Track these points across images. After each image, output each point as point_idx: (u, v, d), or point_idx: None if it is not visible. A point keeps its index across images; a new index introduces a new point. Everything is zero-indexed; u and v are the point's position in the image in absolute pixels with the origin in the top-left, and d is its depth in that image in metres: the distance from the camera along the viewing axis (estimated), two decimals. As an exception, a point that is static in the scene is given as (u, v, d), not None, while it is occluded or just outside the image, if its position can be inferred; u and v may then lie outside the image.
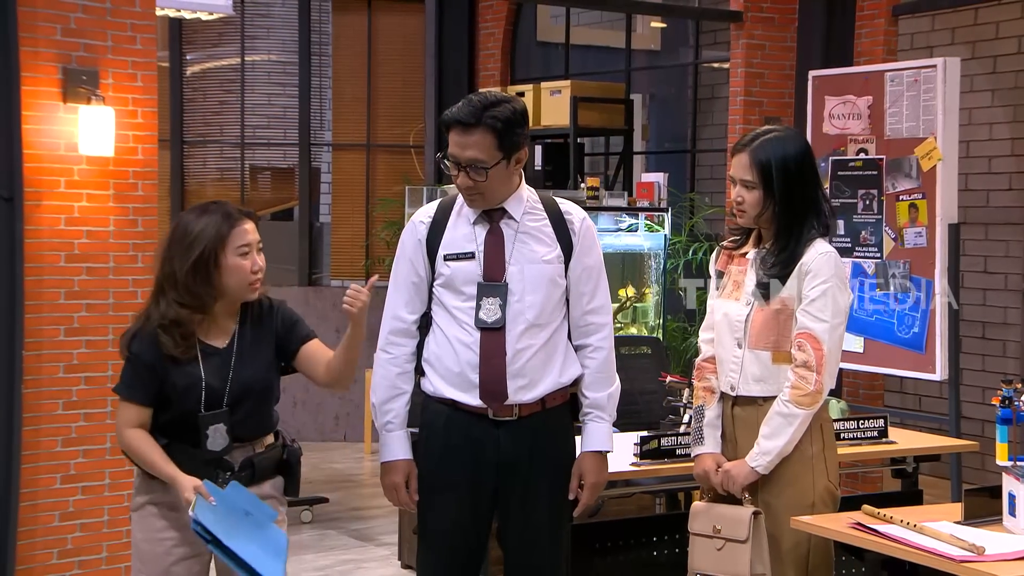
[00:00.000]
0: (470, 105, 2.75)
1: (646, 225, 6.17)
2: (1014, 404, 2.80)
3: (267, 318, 2.77)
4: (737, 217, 2.88)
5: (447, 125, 2.77)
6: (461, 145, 2.74)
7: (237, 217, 2.70)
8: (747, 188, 2.83)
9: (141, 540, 2.73)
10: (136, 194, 4.22)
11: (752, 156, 2.83)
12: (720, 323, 2.91)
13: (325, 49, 8.46)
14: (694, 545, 2.90)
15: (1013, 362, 6.16)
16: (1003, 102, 6.57)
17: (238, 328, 2.73)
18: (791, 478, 2.83)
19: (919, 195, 5.14)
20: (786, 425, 2.78)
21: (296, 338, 2.79)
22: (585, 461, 2.88)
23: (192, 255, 2.64)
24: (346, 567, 5.12)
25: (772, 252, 2.84)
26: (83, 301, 4.09)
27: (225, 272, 2.66)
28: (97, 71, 4.07)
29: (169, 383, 2.66)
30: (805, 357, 2.77)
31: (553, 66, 8.35)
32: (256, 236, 2.72)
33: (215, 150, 8.42)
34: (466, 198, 2.82)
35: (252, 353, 2.73)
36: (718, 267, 2.97)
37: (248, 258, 2.68)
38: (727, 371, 2.88)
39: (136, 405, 2.67)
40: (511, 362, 2.76)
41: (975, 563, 2.48)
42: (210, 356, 2.68)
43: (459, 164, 2.75)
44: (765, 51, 6.45)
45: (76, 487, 4.06)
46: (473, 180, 2.75)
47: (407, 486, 2.84)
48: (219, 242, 2.65)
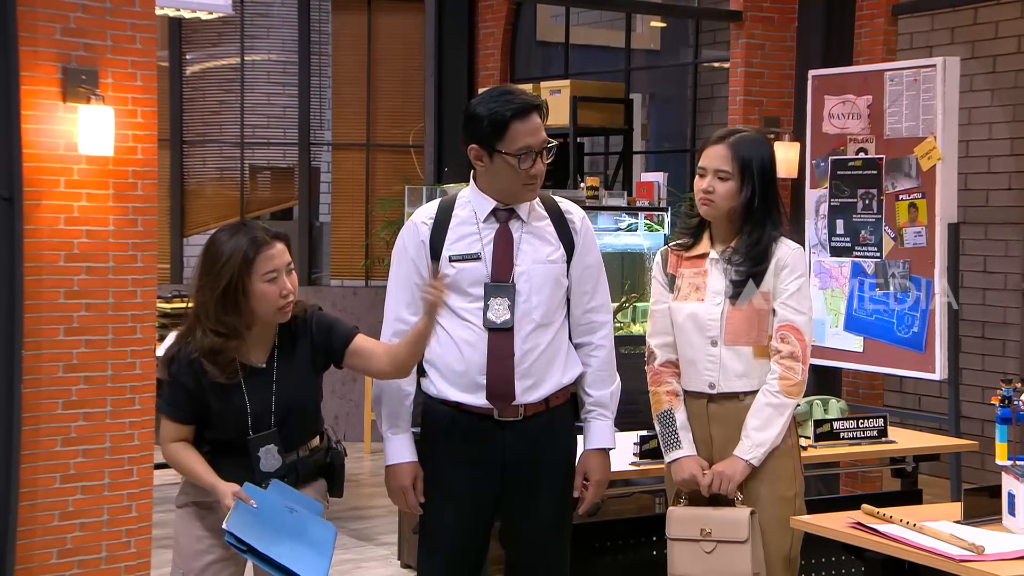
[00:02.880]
0: (520, 92, 2.75)
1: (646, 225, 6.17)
2: (1013, 404, 2.80)
3: (303, 331, 2.73)
4: (701, 206, 2.88)
5: (512, 117, 2.69)
6: (536, 128, 2.73)
7: (263, 241, 2.64)
8: (721, 179, 2.85)
9: (181, 536, 2.76)
10: (136, 194, 4.21)
11: (732, 149, 2.85)
12: (684, 324, 2.90)
13: (325, 48, 8.46)
14: (676, 550, 2.89)
15: (1013, 361, 6.16)
16: (1002, 102, 6.57)
17: (278, 344, 2.71)
18: (779, 470, 2.86)
19: (919, 195, 5.14)
20: (777, 415, 2.81)
21: (339, 341, 2.75)
22: (589, 459, 2.88)
23: (220, 285, 2.61)
24: (345, 567, 5.12)
25: (743, 247, 2.86)
26: (83, 301, 4.08)
27: (254, 299, 2.63)
28: (97, 71, 4.06)
29: (213, 410, 2.66)
30: (791, 348, 2.82)
31: (553, 66, 8.35)
32: (285, 259, 2.67)
33: (215, 149, 8.42)
34: (534, 189, 2.79)
35: (293, 369, 2.71)
36: (669, 271, 2.96)
37: (276, 283, 2.64)
38: (702, 370, 2.88)
39: (176, 423, 2.70)
40: (519, 362, 2.76)
41: (975, 562, 2.48)
42: (251, 377, 2.67)
43: (533, 151, 2.73)
44: (765, 51, 6.45)
45: (76, 487, 4.05)
46: (544, 165, 2.76)
47: (414, 488, 2.84)
48: (246, 269, 2.61)
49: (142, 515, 4.21)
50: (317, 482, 2.80)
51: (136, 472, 4.18)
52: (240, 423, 2.66)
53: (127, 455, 4.16)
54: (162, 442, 2.72)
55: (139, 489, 4.20)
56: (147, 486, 4.24)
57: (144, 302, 4.22)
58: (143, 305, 4.22)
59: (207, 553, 2.72)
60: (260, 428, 2.66)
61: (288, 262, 2.68)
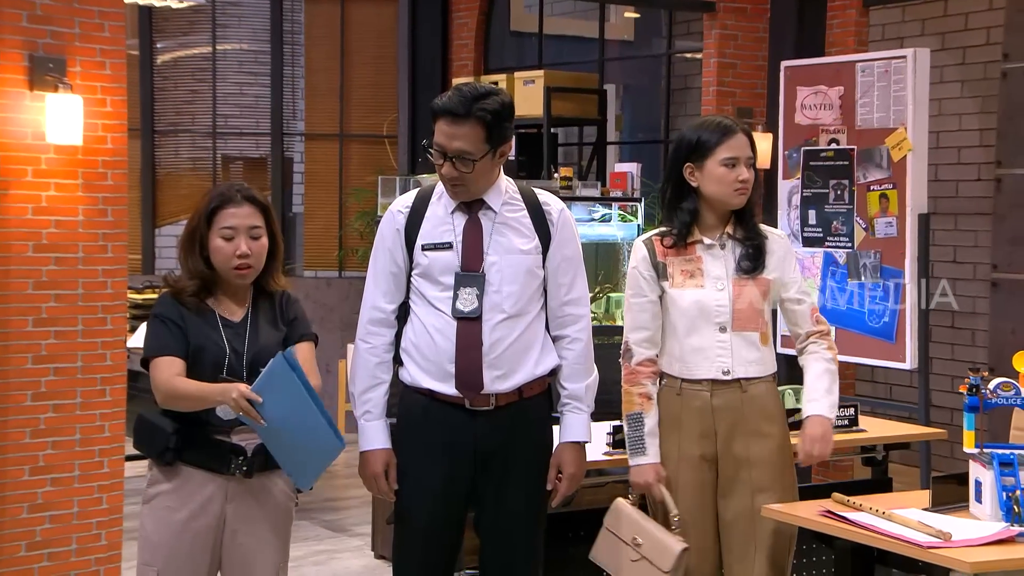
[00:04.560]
0: (460, 95, 2.72)
1: (619, 215, 6.18)
2: (981, 392, 2.82)
3: (278, 305, 2.79)
4: (739, 196, 2.89)
5: (436, 114, 2.75)
6: (450, 136, 2.72)
7: (231, 198, 2.71)
8: (748, 167, 2.89)
9: (153, 532, 2.70)
10: (106, 183, 4.17)
11: (748, 136, 2.92)
12: (689, 311, 2.89)
13: (297, 38, 8.40)
14: (604, 540, 2.92)
15: (982, 351, 6.22)
16: (972, 93, 6.63)
17: (251, 306, 2.76)
18: (786, 462, 2.89)
19: (889, 185, 5.18)
20: (834, 382, 2.92)
21: (293, 333, 2.78)
22: (563, 452, 2.88)
23: (188, 230, 2.73)
24: (319, 558, 5.11)
25: (745, 232, 2.91)
26: (52, 291, 4.05)
27: (211, 251, 2.70)
28: (64, 59, 4.02)
29: (192, 346, 2.67)
30: (825, 328, 2.96)
31: (527, 56, 8.33)
32: (250, 222, 2.70)
33: (187, 139, 8.36)
34: (449, 189, 2.81)
35: (266, 330, 2.75)
36: (659, 259, 2.93)
37: (233, 242, 2.68)
38: (713, 357, 2.87)
39: (168, 357, 2.66)
40: (487, 352, 2.76)
41: (941, 549, 2.50)
42: (227, 328, 2.72)
43: (445, 154, 2.74)
44: (738, 41, 6.46)
45: (45, 479, 4.02)
46: (459, 171, 2.74)
47: (386, 475, 2.84)
48: (207, 219, 2.70)
49: (113, 507, 4.19)
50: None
51: (107, 464, 4.16)
52: (218, 359, 2.67)
53: (97, 447, 4.13)
54: (158, 389, 2.65)
55: (110, 481, 4.17)
56: (118, 478, 4.21)
57: (115, 292, 4.19)
58: (114, 296, 4.19)
59: (183, 546, 2.69)
60: (232, 374, 2.67)
61: (252, 225, 2.70)
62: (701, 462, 2.89)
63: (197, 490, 2.69)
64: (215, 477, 2.69)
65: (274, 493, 2.76)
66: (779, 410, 2.94)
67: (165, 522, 2.69)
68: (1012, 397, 2.82)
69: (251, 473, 2.70)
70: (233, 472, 2.68)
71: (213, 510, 2.69)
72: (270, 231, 2.74)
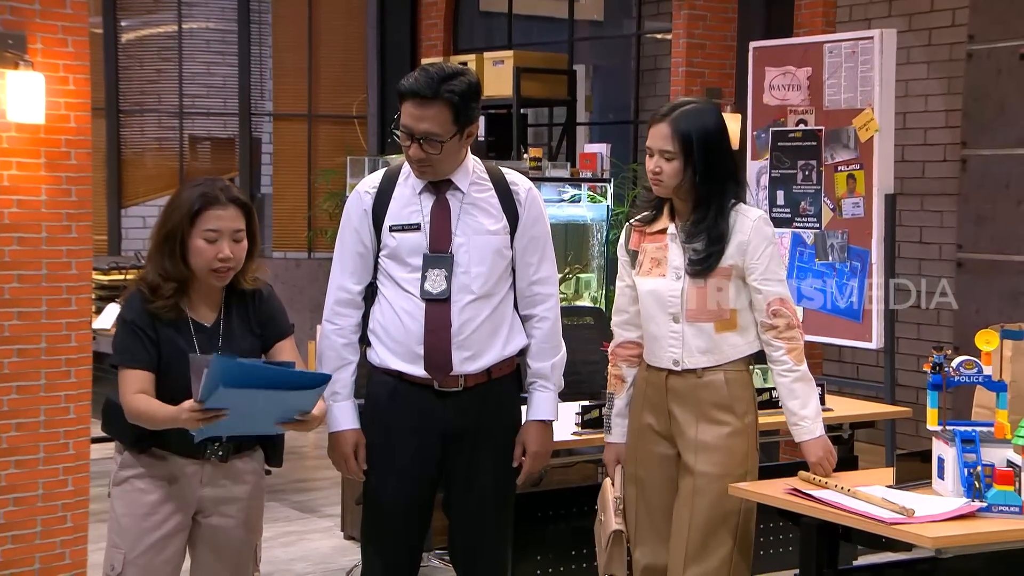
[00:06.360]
0: (427, 77, 2.70)
1: (589, 196, 6.18)
2: (944, 370, 2.85)
3: (251, 306, 2.71)
4: (654, 187, 2.89)
5: (403, 95, 2.73)
6: (417, 117, 2.71)
7: (215, 200, 2.61)
8: (666, 159, 2.84)
9: (123, 515, 2.67)
10: (69, 163, 4.12)
11: (673, 127, 2.84)
12: (646, 300, 2.91)
13: (265, 17, 8.32)
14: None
15: (947, 331, 6.28)
16: (938, 74, 6.67)
17: (223, 309, 2.69)
18: (732, 448, 2.86)
19: (856, 166, 5.21)
20: (805, 385, 2.85)
21: (272, 333, 2.74)
22: (529, 430, 2.89)
23: (165, 229, 2.62)
24: (289, 538, 5.10)
25: (692, 224, 2.86)
26: (14, 272, 4.00)
27: (190, 252, 2.61)
28: (24, 35, 3.96)
29: (163, 357, 2.61)
30: (785, 320, 2.85)
31: (496, 36, 8.30)
32: (234, 225, 2.62)
33: (153, 119, 8.27)
34: (416, 169, 2.79)
35: (239, 334, 2.69)
36: (631, 247, 2.96)
37: (215, 245, 2.60)
38: (666, 347, 2.88)
39: (134, 370, 2.59)
40: (456, 333, 2.76)
41: (905, 524, 2.53)
42: (199, 333, 2.64)
43: (412, 135, 2.72)
44: (707, 22, 6.46)
45: (9, 460, 3.98)
46: (426, 152, 2.73)
47: (356, 456, 2.83)
48: (189, 221, 2.60)
49: (79, 489, 4.15)
50: (255, 451, 2.77)
51: (72, 446, 4.12)
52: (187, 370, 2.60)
53: (63, 428, 4.09)
54: (122, 399, 2.61)
55: (75, 463, 4.14)
56: (84, 459, 4.18)
57: (79, 273, 4.15)
58: (78, 276, 4.14)
59: (154, 529, 2.66)
60: None
61: (236, 229, 2.63)
62: (656, 436, 2.92)
63: (170, 474, 2.66)
64: (190, 462, 2.67)
65: (248, 475, 2.74)
66: (739, 397, 2.87)
67: (136, 504, 2.67)
68: (974, 375, 2.85)
69: (226, 458, 2.68)
70: (208, 457, 2.66)
71: (186, 494, 2.68)
72: (250, 231, 2.68)
